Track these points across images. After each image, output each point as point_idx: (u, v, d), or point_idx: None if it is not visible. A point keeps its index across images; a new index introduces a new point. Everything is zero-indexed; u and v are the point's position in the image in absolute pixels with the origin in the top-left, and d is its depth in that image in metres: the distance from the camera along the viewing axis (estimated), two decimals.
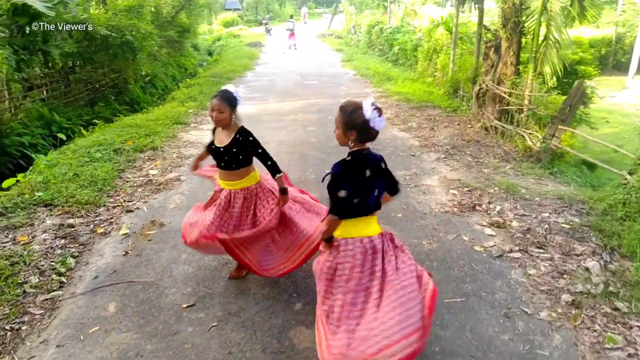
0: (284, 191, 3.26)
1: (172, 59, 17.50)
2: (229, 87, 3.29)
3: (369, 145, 2.51)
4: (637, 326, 3.08)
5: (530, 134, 7.30)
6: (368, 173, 2.44)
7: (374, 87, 12.56)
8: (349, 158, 2.44)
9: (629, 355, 2.82)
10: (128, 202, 5.08)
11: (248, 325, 3.07)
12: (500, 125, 8.04)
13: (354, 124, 2.39)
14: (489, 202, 5.06)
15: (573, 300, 3.36)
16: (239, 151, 3.19)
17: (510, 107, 7.95)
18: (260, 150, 3.24)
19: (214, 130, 3.39)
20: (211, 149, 3.36)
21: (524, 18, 7.75)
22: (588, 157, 6.76)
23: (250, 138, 3.23)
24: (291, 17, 28.40)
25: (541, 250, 4.07)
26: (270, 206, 3.28)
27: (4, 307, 3.24)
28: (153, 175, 5.89)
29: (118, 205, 4.98)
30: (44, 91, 9.75)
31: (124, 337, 2.96)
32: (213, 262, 3.86)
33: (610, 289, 3.46)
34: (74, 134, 8.76)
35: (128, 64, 11.88)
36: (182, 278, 3.62)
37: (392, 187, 2.72)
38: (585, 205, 4.87)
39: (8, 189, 5.22)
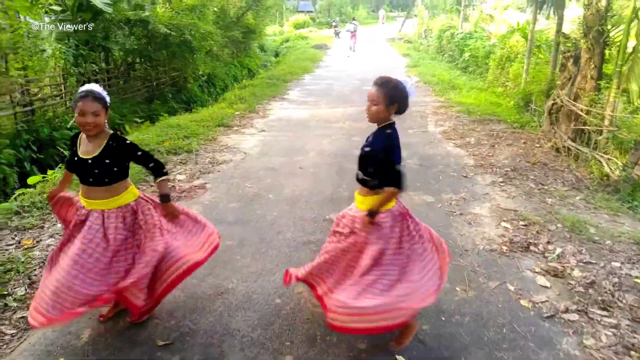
0: (165, 199, 2.83)
1: (237, 59, 17.62)
2: (94, 85, 2.75)
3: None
4: None
5: (608, 159, 6.26)
6: None
7: (434, 95, 11.72)
8: (390, 131, 2.59)
9: None
10: None
11: None
12: (574, 146, 7.01)
13: (397, 98, 2.57)
14: (548, 242, 4.25)
15: None
16: (114, 161, 2.67)
17: (587, 127, 6.91)
18: (140, 153, 2.77)
19: (74, 140, 2.78)
20: (74, 162, 2.72)
21: (609, 27, 6.71)
22: None
23: (127, 142, 2.76)
24: (353, 19, 28.65)
25: (605, 313, 3.25)
26: (154, 222, 2.82)
27: None
28: (179, 180, 5.63)
29: None
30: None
31: None
32: (210, 289, 3.44)
33: None
34: (124, 130, 8.84)
35: (187, 63, 11.96)
36: (170, 306, 3.22)
37: None
38: None
39: (34, 186, 5.16)
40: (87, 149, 2.67)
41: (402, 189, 2.58)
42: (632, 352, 2.85)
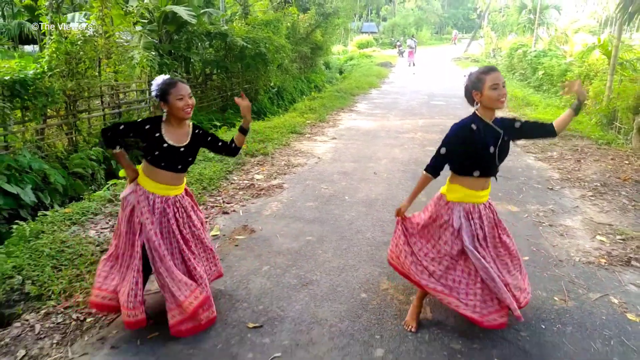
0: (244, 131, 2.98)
1: (304, 74, 17.99)
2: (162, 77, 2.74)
3: None
4: None
5: None
6: None
7: (508, 111, 11.30)
8: None
9: None
10: (227, 203, 4.94)
11: None
12: None
13: None
14: None
15: None
16: (197, 149, 2.86)
17: None
18: (219, 139, 2.97)
19: (152, 127, 2.71)
20: (162, 149, 2.69)
21: None
22: None
23: (204, 129, 2.93)
24: (412, 36, 31.31)
25: None
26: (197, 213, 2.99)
27: (79, 294, 3.17)
28: (257, 179, 5.74)
29: (216, 206, 4.86)
30: None
31: (180, 350, 2.64)
32: (294, 279, 3.43)
33: None
34: None
35: (260, 75, 12.34)
36: (257, 292, 3.24)
37: None
38: None
39: (123, 178, 5.45)
40: (177, 138, 2.73)
41: None
42: None
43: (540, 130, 2.76)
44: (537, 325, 2.95)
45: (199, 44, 10.85)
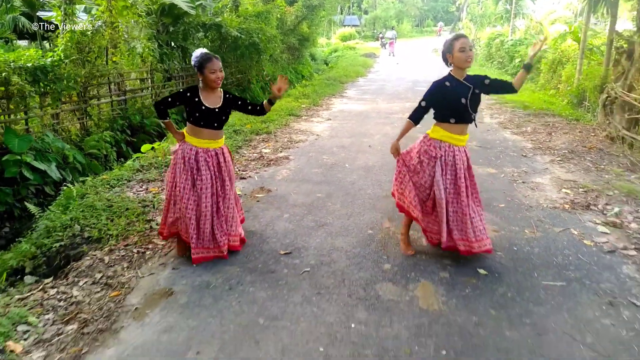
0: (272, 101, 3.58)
1: (291, 65, 18.57)
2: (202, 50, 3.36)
3: None
4: None
5: None
6: None
7: (487, 96, 12.08)
8: None
9: None
10: (242, 171, 5.59)
11: (338, 274, 3.24)
12: (628, 135, 7.30)
13: None
14: (606, 204, 4.67)
15: None
16: (229, 109, 3.46)
17: None
18: (247, 101, 3.55)
19: (192, 94, 3.33)
20: (201, 111, 3.29)
21: None
22: None
23: (234, 94, 3.53)
24: (392, 28, 33.97)
25: None
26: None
27: (134, 236, 3.79)
28: (265, 153, 6.39)
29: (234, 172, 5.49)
30: (181, 82, 11.03)
31: (228, 269, 3.30)
32: (311, 222, 4.11)
33: None
34: None
35: (252, 65, 12.91)
36: (282, 231, 3.92)
37: None
38: None
39: (145, 153, 6.03)
40: (212, 101, 3.34)
41: None
42: None
43: (504, 87, 3.45)
44: (511, 248, 3.69)
45: (195, 35, 11.38)
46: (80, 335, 2.59)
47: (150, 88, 9.87)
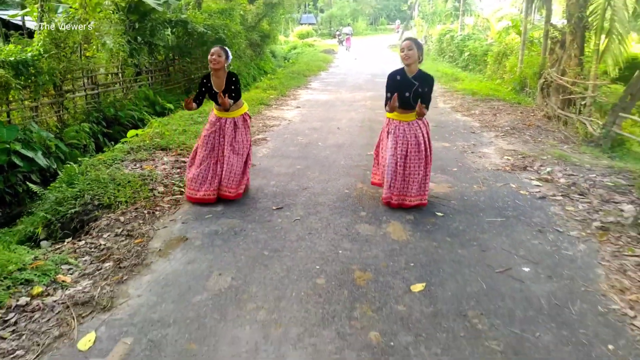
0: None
1: (253, 61, 19.06)
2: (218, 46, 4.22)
3: None
4: None
5: (591, 121, 7.60)
6: None
7: (440, 85, 13.11)
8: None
9: None
10: None
11: (324, 220, 3.91)
12: (562, 114, 8.36)
13: (421, 48, 4.01)
14: (541, 166, 5.57)
15: (602, 226, 3.87)
16: (232, 89, 4.19)
17: (573, 96, 8.28)
18: (237, 86, 4.24)
19: (206, 80, 4.25)
20: (210, 93, 4.24)
21: (587, 13, 8.11)
22: None
23: (236, 77, 4.25)
24: (348, 24, 35.31)
25: (582, 197, 4.56)
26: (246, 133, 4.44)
27: (141, 201, 4.32)
28: None
29: None
30: (149, 77, 11.37)
31: (231, 221, 3.90)
32: (295, 187, 4.76)
33: None
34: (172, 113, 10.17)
35: None
36: (272, 194, 4.55)
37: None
38: (635, 175, 5.22)
39: (131, 139, 6.47)
40: (218, 85, 4.21)
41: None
42: (600, 212, 4.15)
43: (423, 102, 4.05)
44: (462, 198, 4.48)
45: (162, 31, 11.72)
46: (117, 269, 3.13)
47: (121, 82, 10.18)
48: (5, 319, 2.56)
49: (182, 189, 4.65)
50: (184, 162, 5.55)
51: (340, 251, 3.37)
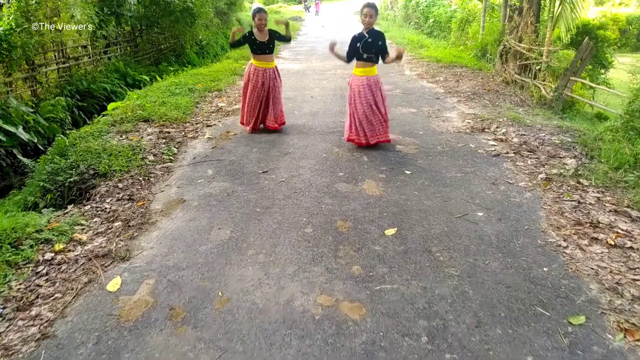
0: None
1: (221, 30, 18.91)
2: (258, 4, 5.17)
3: None
4: (591, 192, 4.19)
5: (544, 84, 8.26)
6: None
7: (407, 52, 13.54)
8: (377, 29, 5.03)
9: (578, 203, 3.94)
10: (207, 120, 6.48)
11: (306, 181, 4.38)
12: (519, 78, 8.99)
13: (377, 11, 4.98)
14: (497, 127, 6.16)
15: (547, 177, 4.49)
16: (273, 42, 5.69)
17: (528, 61, 8.89)
18: (280, 35, 5.81)
19: (250, 34, 5.62)
20: (255, 43, 5.60)
21: None
22: (594, 103, 7.70)
23: (276, 32, 5.75)
24: None
25: (531, 153, 5.18)
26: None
27: (135, 169, 4.66)
28: (222, 106, 7.27)
29: (200, 122, 6.38)
30: (118, 49, 11.32)
31: (222, 184, 4.32)
32: (277, 153, 5.18)
33: (579, 172, 4.56)
34: (145, 85, 10.26)
35: (186, 30, 13.31)
36: (256, 159, 4.96)
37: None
38: (580, 133, 5.88)
39: (112, 111, 6.69)
40: (262, 37, 5.62)
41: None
42: (546, 166, 4.77)
43: (382, 56, 4.98)
44: (427, 157, 5.01)
45: (128, 1, 11.59)
46: (127, 227, 3.53)
47: (91, 55, 10.15)
48: (37, 271, 2.95)
49: (172, 158, 5.01)
50: (169, 132, 5.86)
51: (323, 206, 3.86)
